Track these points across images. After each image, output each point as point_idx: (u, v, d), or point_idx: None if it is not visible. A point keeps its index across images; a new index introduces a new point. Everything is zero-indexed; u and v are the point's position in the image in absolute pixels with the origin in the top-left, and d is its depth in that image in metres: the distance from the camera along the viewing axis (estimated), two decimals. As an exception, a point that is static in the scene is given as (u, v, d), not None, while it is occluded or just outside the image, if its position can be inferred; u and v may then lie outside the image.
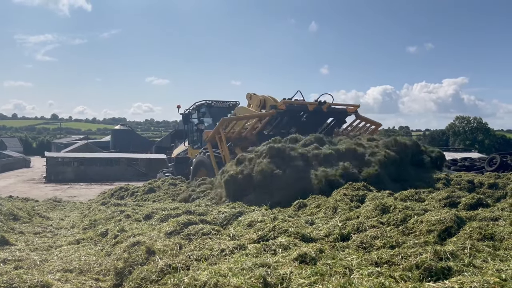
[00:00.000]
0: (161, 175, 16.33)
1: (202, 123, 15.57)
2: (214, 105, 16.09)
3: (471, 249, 3.24)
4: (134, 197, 11.87)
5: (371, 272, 2.63)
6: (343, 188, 7.01)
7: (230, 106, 16.19)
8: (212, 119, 15.81)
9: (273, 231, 4.04)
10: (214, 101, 16.21)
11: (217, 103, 16.17)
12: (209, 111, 15.96)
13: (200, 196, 9.38)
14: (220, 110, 16.14)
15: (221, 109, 16.19)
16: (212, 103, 16.07)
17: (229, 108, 16.15)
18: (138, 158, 33.50)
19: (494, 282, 2.15)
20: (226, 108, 16.21)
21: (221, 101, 16.39)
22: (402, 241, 3.65)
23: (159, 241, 4.44)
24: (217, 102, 16.24)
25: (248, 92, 14.38)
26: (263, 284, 2.53)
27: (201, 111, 16.02)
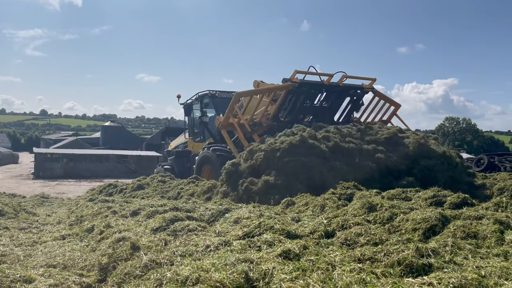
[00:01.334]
0: (160, 170, 15.59)
1: (206, 115, 14.45)
2: (218, 95, 14.97)
3: (453, 246, 3.28)
4: (122, 194, 11.80)
5: (353, 268, 2.66)
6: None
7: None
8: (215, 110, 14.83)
9: (259, 228, 4.06)
10: (218, 91, 15.07)
11: (221, 94, 15.02)
12: (212, 102, 14.87)
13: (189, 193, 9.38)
14: (223, 101, 14.91)
15: (225, 100, 14.83)
16: (216, 94, 14.95)
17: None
18: (128, 155, 33.35)
19: (472, 278, 2.18)
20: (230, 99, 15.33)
21: (225, 91, 15.23)
22: (386, 238, 3.68)
23: (144, 237, 4.43)
24: (221, 93, 15.06)
25: (256, 80, 13.51)
26: (245, 279, 2.54)
27: (203, 102, 15.03)
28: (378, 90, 11.75)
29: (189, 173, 13.61)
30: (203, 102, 14.99)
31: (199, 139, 15.05)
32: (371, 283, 2.31)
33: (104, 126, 64.94)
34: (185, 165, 14.88)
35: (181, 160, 15.30)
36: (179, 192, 10.05)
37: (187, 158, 15.14)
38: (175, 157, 15.54)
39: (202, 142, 14.53)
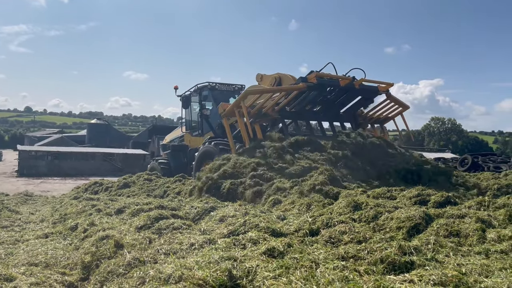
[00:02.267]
0: (155, 165, 14.98)
1: (207, 108, 13.93)
2: (218, 88, 14.50)
3: (435, 244, 3.33)
4: (108, 192, 11.69)
5: (336, 266, 2.67)
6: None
7: (235, 90, 14.82)
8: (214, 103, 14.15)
9: (244, 226, 4.06)
10: (217, 83, 14.59)
11: (221, 86, 14.59)
12: (211, 94, 14.31)
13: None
14: (223, 93, 14.62)
15: (225, 93, 14.66)
16: (216, 86, 14.45)
17: (234, 91, 14.78)
18: (114, 153, 33.01)
19: (452, 276, 2.21)
20: (231, 92, 14.77)
21: (226, 83, 14.84)
22: (369, 236, 3.71)
23: (128, 235, 4.40)
24: (221, 85, 14.64)
25: (258, 73, 13.09)
26: (228, 277, 2.54)
27: (202, 94, 14.44)
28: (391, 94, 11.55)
29: (186, 168, 13.16)
30: (202, 95, 14.43)
31: (197, 133, 14.54)
32: (354, 281, 2.32)
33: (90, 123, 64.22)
34: (182, 160, 14.32)
35: (177, 154, 14.68)
36: (166, 191, 9.99)
37: (183, 152, 14.54)
38: (171, 152, 14.90)
39: (200, 137, 14.06)
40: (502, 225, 4.21)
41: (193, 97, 14.71)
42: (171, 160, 14.56)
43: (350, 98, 11.25)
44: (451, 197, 6.15)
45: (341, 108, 11.43)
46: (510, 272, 2.51)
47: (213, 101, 14.11)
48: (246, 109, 9.98)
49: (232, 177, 7.94)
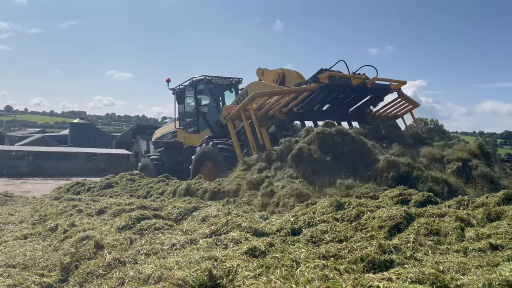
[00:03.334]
0: (147, 162, 14.22)
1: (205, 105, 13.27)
2: (214, 81, 13.71)
3: (414, 243, 3.37)
4: (90, 193, 11.54)
5: (317, 265, 2.68)
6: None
7: (232, 83, 14.13)
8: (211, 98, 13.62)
9: (226, 226, 4.06)
10: (214, 77, 13.73)
11: (217, 80, 13.78)
12: (208, 88, 13.63)
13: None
14: (220, 88, 14.04)
15: (221, 87, 14.07)
16: (212, 80, 13.65)
17: (231, 85, 14.17)
18: (97, 153, 32.62)
19: (429, 273, 2.25)
20: (227, 86, 14.17)
21: (222, 77, 14.02)
22: (350, 235, 3.74)
23: (109, 235, 4.35)
24: (218, 79, 13.82)
25: (259, 68, 12.38)
26: (208, 276, 2.53)
27: (198, 88, 13.70)
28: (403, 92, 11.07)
29: (181, 167, 12.73)
30: (197, 89, 13.72)
31: (192, 129, 13.84)
32: (333, 279, 2.34)
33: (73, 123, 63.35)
34: (177, 158, 13.54)
35: (171, 152, 13.84)
36: (149, 191, 9.91)
37: (178, 150, 13.75)
38: (164, 149, 14.00)
39: (196, 134, 13.44)
40: (480, 224, 4.29)
41: (188, 91, 13.96)
42: (165, 158, 13.79)
43: (360, 97, 10.74)
44: (432, 197, 6.25)
45: (350, 107, 10.93)
46: (486, 269, 2.56)
47: (210, 96, 13.58)
48: (254, 113, 9.30)
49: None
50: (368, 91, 10.38)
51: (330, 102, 10.47)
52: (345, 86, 9.91)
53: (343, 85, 9.90)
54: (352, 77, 9.94)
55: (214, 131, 12.41)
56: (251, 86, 11.52)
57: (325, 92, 9.74)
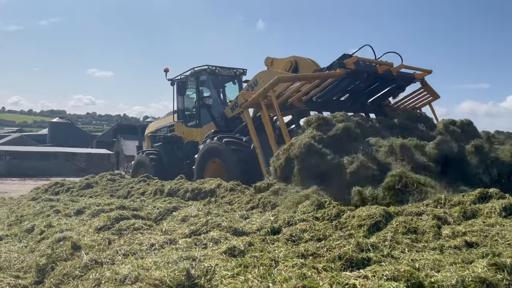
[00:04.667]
0: (143, 159, 13.17)
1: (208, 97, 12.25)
2: (218, 72, 12.75)
3: (391, 241, 3.41)
4: (69, 193, 11.35)
5: (295, 264, 2.70)
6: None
7: (236, 74, 13.27)
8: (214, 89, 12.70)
9: (206, 226, 4.05)
10: (217, 67, 12.79)
11: (221, 70, 12.84)
12: (211, 79, 12.61)
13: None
14: (223, 78, 13.09)
15: (224, 78, 13.15)
16: (216, 70, 12.68)
17: (234, 76, 13.30)
18: (77, 153, 32.15)
19: (404, 270, 2.28)
20: (231, 77, 13.28)
21: (226, 67, 13.11)
22: (329, 234, 3.77)
23: (87, 236, 4.29)
24: (221, 69, 12.89)
25: (268, 57, 11.31)
26: (186, 276, 2.52)
27: (200, 79, 12.72)
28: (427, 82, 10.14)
29: (181, 164, 12.04)
30: (199, 80, 12.74)
31: (193, 123, 12.88)
32: (311, 278, 2.35)
33: (52, 122, 62.41)
34: (176, 154, 12.62)
35: (170, 147, 12.86)
36: (130, 191, 9.81)
37: (178, 145, 12.81)
38: (162, 144, 12.99)
39: (197, 128, 12.57)
40: (456, 222, 4.37)
41: (190, 82, 12.96)
42: (164, 154, 12.78)
43: (382, 86, 9.85)
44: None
45: (369, 97, 10.07)
46: (459, 266, 2.61)
47: (213, 87, 12.68)
48: (276, 100, 8.29)
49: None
50: (393, 80, 9.53)
51: (350, 91, 9.59)
52: (371, 72, 9.03)
53: (368, 72, 9.00)
54: (378, 63, 9.07)
55: (218, 124, 11.48)
56: (261, 75, 10.45)
57: (349, 79, 8.85)
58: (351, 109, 9.48)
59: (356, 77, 8.90)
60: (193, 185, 8.23)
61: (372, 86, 9.60)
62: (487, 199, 4.98)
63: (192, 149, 11.71)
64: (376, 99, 10.12)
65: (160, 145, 13.02)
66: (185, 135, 13.07)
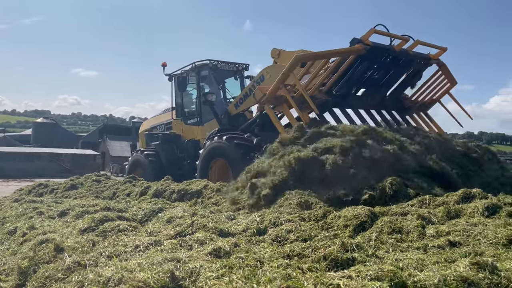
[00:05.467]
0: (140, 158, 12.40)
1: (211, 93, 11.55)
2: (220, 67, 12.22)
3: (376, 241, 3.44)
4: (53, 194, 11.19)
5: (280, 264, 2.71)
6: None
7: (238, 70, 12.71)
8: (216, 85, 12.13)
9: (192, 227, 4.03)
10: (219, 61, 12.27)
11: (223, 65, 12.31)
12: (212, 75, 12.06)
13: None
14: (224, 73, 12.54)
15: (225, 73, 12.61)
16: (218, 64, 12.14)
17: (236, 72, 12.76)
18: (62, 154, 31.72)
19: (388, 270, 2.30)
20: (233, 72, 12.72)
21: (228, 62, 12.58)
22: (315, 234, 3.79)
23: (71, 238, 4.24)
24: (224, 64, 12.37)
25: (275, 48, 10.65)
26: (170, 278, 2.51)
27: (201, 74, 12.14)
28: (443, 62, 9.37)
29: (181, 163, 11.63)
30: (200, 75, 12.15)
31: (193, 121, 12.35)
32: (296, 278, 2.36)
33: (36, 122, 61.56)
34: (175, 153, 12.02)
35: (169, 146, 12.18)
36: (115, 192, 9.71)
37: (177, 143, 12.22)
38: (161, 143, 12.30)
39: (198, 126, 12.04)
40: (440, 222, 4.43)
41: (191, 77, 12.34)
42: (162, 153, 12.07)
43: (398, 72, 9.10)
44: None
45: (388, 89, 9.34)
46: (442, 265, 2.65)
47: (215, 83, 12.13)
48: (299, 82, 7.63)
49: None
50: (409, 61, 8.84)
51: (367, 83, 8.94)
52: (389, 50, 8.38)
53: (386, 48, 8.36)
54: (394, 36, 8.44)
55: (221, 122, 10.94)
56: (268, 70, 9.87)
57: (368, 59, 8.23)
58: (371, 105, 9.11)
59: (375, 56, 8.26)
60: (180, 186, 8.18)
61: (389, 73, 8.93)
62: (470, 199, 5.05)
63: (193, 148, 11.31)
64: (395, 92, 9.46)
65: (158, 144, 12.36)
66: (184, 133, 12.51)
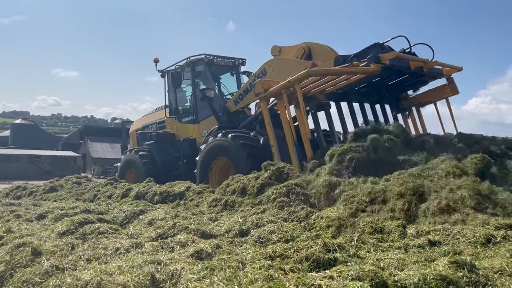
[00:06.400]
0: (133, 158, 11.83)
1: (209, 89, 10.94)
2: (216, 62, 11.73)
3: (357, 241, 3.46)
4: (32, 197, 10.96)
5: (262, 265, 2.69)
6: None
7: (235, 65, 12.25)
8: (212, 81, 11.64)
9: (173, 229, 3.99)
10: (215, 56, 11.78)
11: (219, 60, 11.80)
12: (208, 70, 11.57)
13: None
14: (220, 68, 12.02)
15: (221, 68, 12.08)
16: (214, 59, 11.66)
17: (233, 67, 12.27)
18: (41, 155, 31.11)
19: (369, 270, 2.31)
20: (229, 67, 12.23)
21: (224, 56, 12.09)
22: (297, 235, 3.79)
23: (49, 241, 4.14)
24: (220, 59, 11.85)
25: (275, 45, 10.28)
26: (150, 280, 2.47)
27: (196, 69, 11.59)
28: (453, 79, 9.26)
29: (176, 164, 11.24)
30: (195, 70, 11.60)
31: (188, 119, 11.80)
32: (277, 279, 2.35)
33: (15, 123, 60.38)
34: (170, 152, 11.53)
35: (163, 146, 11.65)
36: (96, 194, 9.56)
37: (172, 143, 11.72)
38: (155, 142, 11.74)
39: (194, 124, 11.49)
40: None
41: (186, 73, 11.74)
42: (156, 153, 11.55)
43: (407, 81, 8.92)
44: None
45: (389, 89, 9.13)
46: (422, 264, 2.68)
47: (211, 79, 11.63)
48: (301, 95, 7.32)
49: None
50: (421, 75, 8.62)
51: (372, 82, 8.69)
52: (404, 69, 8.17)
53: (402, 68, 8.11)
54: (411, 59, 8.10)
55: (220, 119, 10.46)
56: (270, 64, 9.45)
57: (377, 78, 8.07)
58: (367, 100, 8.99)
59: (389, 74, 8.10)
60: (162, 188, 8.08)
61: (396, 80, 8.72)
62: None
63: (189, 147, 10.94)
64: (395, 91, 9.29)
65: (152, 143, 11.81)
66: (178, 132, 12.00)
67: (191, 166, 10.11)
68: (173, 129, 12.21)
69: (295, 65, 8.82)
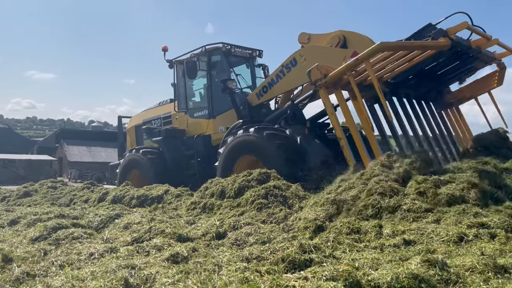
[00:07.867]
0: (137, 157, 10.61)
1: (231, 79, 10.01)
2: (234, 52, 10.67)
3: (333, 241, 3.49)
4: (5, 202, 10.68)
5: (238, 268, 2.68)
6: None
7: (252, 56, 11.19)
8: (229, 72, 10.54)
9: (149, 233, 3.95)
10: (233, 45, 10.71)
11: (236, 50, 10.75)
12: (225, 60, 10.49)
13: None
14: (235, 60, 11.06)
15: (237, 59, 11.10)
16: (232, 49, 10.57)
17: (249, 58, 11.20)
18: (16, 159, 30.34)
19: (343, 270, 2.34)
20: (245, 58, 11.17)
21: (242, 46, 11.04)
22: (274, 237, 3.79)
23: (20, 247, 4.04)
24: (237, 49, 10.81)
25: (303, 32, 9.33)
26: (124, 285, 2.43)
27: (212, 59, 10.56)
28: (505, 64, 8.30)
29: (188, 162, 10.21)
30: (211, 60, 10.55)
31: (202, 113, 10.60)
32: (253, 281, 2.35)
33: (-13, 127, 58.75)
34: (181, 150, 10.38)
35: (173, 142, 10.50)
36: (72, 199, 9.39)
37: (181, 140, 10.60)
38: (163, 139, 10.51)
39: (209, 119, 10.29)
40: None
41: (201, 62, 10.50)
42: (166, 150, 10.40)
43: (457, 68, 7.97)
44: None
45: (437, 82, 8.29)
46: (396, 264, 2.72)
47: (228, 70, 10.54)
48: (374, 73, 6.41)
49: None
50: (477, 58, 7.73)
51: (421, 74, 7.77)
52: (469, 47, 7.29)
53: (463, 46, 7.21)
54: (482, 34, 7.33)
55: (241, 114, 9.49)
56: (302, 53, 8.56)
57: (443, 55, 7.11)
58: (414, 94, 8.19)
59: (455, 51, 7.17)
60: (140, 191, 7.96)
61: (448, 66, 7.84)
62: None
63: (203, 144, 9.97)
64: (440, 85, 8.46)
65: (161, 140, 10.55)
66: (189, 128, 10.79)
67: (205, 165, 9.43)
68: (183, 124, 10.97)
69: (332, 53, 8.01)
